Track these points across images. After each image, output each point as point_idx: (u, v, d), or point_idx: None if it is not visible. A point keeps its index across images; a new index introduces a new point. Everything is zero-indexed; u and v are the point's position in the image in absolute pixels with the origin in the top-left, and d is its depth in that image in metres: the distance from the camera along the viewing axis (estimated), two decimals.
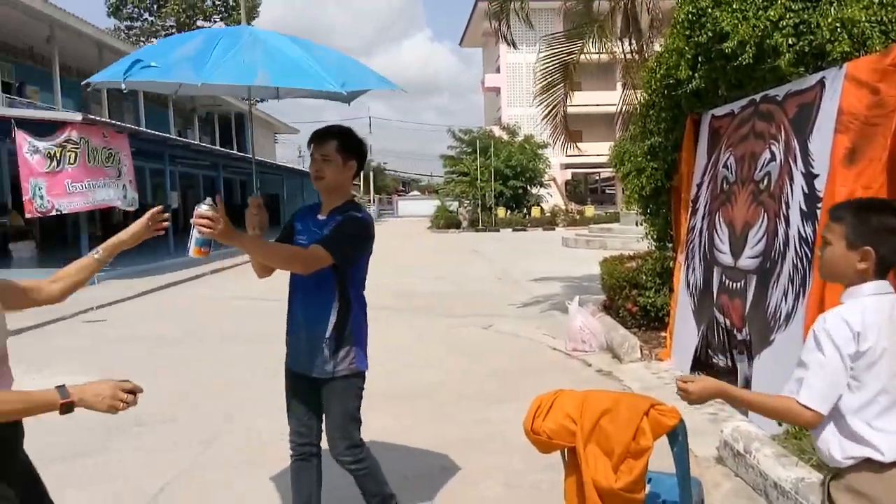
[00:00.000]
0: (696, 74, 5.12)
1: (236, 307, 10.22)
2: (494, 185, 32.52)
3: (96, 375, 6.15)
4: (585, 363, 6.19)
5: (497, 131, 36.93)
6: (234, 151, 26.47)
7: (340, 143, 2.68)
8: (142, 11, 40.67)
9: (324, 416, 2.77)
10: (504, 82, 44.93)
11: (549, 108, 9.93)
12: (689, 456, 2.21)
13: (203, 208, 2.23)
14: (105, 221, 22.17)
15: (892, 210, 1.87)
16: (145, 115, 24.07)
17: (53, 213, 11.81)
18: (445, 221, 33.41)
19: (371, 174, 58.94)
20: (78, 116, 12.13)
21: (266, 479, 3.72)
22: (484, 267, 15.33)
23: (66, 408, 1.68)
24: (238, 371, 6.19)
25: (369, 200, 54.18)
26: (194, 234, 2.27)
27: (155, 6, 40.31)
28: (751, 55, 4.41)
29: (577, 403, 2.17)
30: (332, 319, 2.65)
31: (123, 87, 2.89)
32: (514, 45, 10.71)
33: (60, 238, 20.16)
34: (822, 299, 3.58)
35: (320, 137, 2.68)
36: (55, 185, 11.58)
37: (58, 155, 11.55)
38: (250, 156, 3.93)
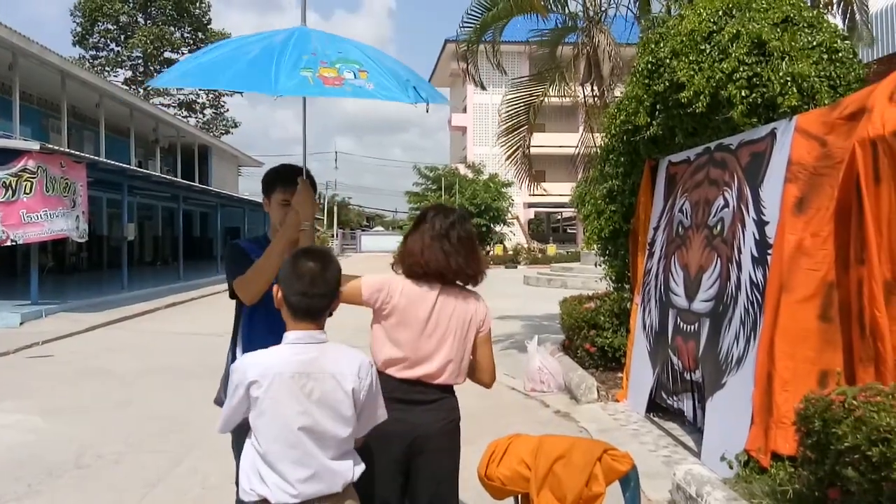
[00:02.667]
0: (654, 121, 5.27)
1: (186, 343, 9.96)
2: None
3: (40, 414, 5.89)
4: (543, 404, 6.18)
5: (462, 169, 37.45)
6: (196, 184, 26.10)
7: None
8: (108, 41, 40.42)
9: None
10: (470, 122, 45.62)
11: (513, 149, 10.10)
12: (642, 500, 2.21)
13: None
14: (57, 250, 21.58)
15: (311, 254, 1.92)
16: (106, 144, 23.68)
17: (8, 243, 11.42)
18: None
19: (335, 208, 58.63)
20: (36, 145, 11.82)
21: None
22: None
23: None
24: (188, 410, 6.00)
25: (332, 235, 53.66)
26: None
27: (122, 37, 40.12)
28: (705, 105, 4.56)
29: (532, 449, 2.16)
30: None
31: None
32: (483, 87, 10.88)
33: (9, 268, 19.48)
34: (772, 343, 3.65)
35: (293, 181, 2.44)
36: (10, 215, 11.23)
37: (13, 184, 11.23)
38: (212, 188, 3.85)
